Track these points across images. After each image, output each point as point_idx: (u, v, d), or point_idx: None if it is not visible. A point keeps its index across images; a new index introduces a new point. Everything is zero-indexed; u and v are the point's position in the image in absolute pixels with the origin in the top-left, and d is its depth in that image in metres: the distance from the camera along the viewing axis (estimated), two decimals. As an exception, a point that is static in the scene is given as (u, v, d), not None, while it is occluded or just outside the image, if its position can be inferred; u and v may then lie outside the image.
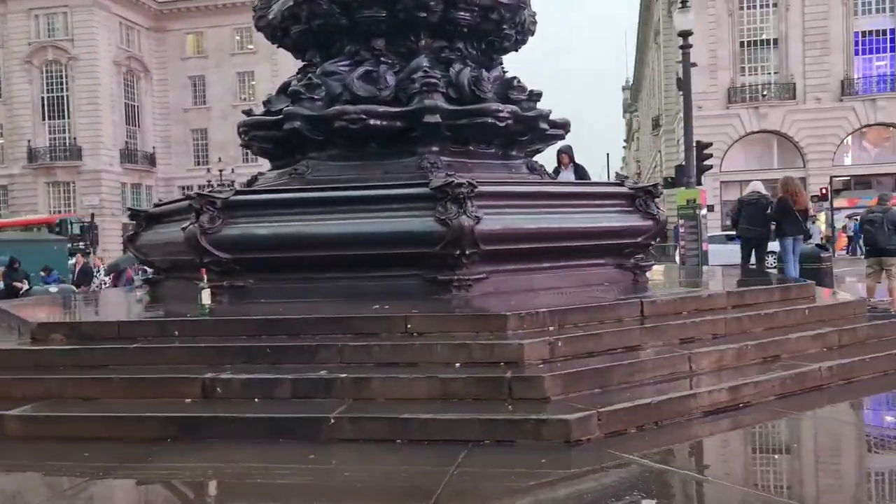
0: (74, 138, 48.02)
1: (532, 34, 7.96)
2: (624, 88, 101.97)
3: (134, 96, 51.91)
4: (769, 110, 38.39)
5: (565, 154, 9.34)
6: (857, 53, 37.17)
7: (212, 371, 4.05)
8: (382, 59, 6.93)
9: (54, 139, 48.58)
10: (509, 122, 6.65)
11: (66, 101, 48.28)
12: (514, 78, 7.31)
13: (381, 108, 6.53)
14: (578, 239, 6.07)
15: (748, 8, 39.08)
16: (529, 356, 4.02)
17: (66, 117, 48.29)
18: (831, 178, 36.01)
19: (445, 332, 4.36)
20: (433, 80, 6.55)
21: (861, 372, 4.59)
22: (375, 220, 5.55)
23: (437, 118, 6.41)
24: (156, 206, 7.51)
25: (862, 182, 37.64)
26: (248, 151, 11.32)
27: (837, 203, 34.28)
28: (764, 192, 10.98)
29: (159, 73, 52.92)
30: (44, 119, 48.45)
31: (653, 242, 6.67)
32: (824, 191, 29.86)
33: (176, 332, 4.68)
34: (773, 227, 10.40)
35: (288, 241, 5.62)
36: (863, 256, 10.93)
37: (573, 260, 6.25)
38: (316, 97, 6.73)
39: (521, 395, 3.70)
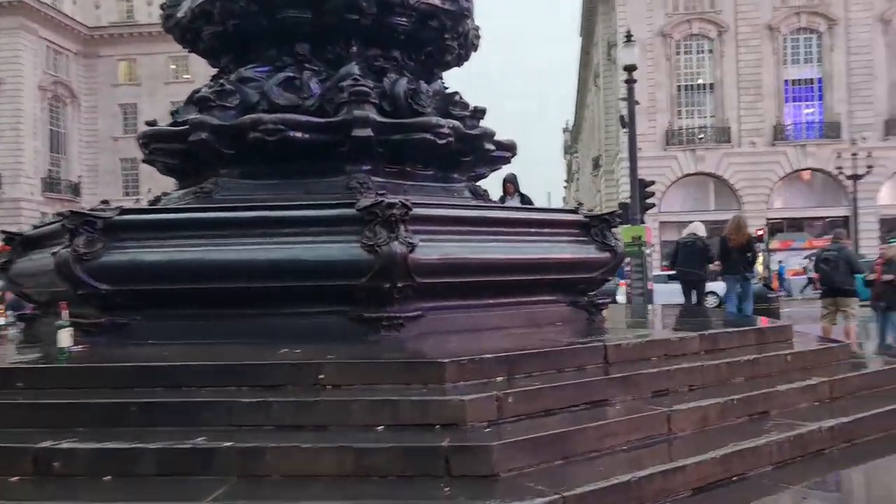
0: (-5, 165, 45.41)
1: (475, 49, 7.25)
2: (564, 130, 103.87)
3: (60, 123, 49.61)
4: (706, 153, 39.15)
5: (511, 183, 8.65)
6: (787, 101, 38.38)
7: (51, 438, 3.04)
8: (307, 65, 6.08)
9: (-28, 166, 45.81)
10: (450, 139, 5.87)
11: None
12: (456, 93, 6.56)
13: (304, 119, 5.65)
14: (528, 272, 5.28)
15: (685, 53, 40.02)
16: (473, 416, 3.15)
17: (-13, 142, 45.67)
18: (767, 220, 36.68)
19: (368, 385, 3.46)
20: (364, 90, 5.72)
21: (863, 432, 3.90)
22: (291, 247, 4.64)
23: (367, 132, 5.57)
24: (35, 227, 6.39)
25: (794, 225, 38.55)
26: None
27: (772, 245, 34.80)
28: (701, 233, 11.07)
29: (88, 100, 50.82)
30: (-39, 145, 45.70)
31: (610, 278, 5.94)
32: (761, 233, 30.19)
33: (20, 384, 3.63)
34: (710, 267, 10.67)
35: (184, 269, 4.64)
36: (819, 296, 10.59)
37: (522, 296, 5.44)
38: (228, 105, 5.81)
39: (461, 472, 2.82)
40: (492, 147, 6.38)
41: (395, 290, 4.64)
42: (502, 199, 8.94)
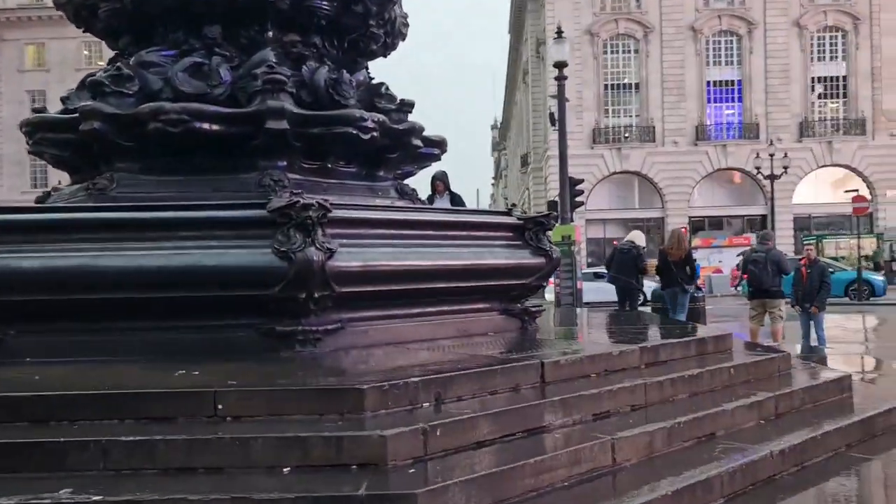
0: None
1: (403, 38, 6.81)
2: (493, 127, 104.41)
3: (-39, 107, 46.52)
4: (631, 151, 39.87)
5: (440, 181, 8.26)
6: (709, 101, 39.46)
7: None
8: (217, 50, 5.50)
9: None
10: (375, 133, 5.41)
11: None
12: (382, 84, 6.11)
13: (212, 109, 5.09)
14: (458, 279, 4.90)
15: (612, 52, 40.61)
16: (395, 454, 2.73)
17: None
18: (689, 218, 37.62)
19: (275, 416, 2.99)
20: (280, 77, 5.20)
21: (813, 452, 3.68)
22: (191, 252, 4.11)
23: (283, 124, 5.06)
24: None
25: (714, 223, 39.71)
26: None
27: (694, 243, 35.79)
28: (639, 242, 11.50)
29: (-8, 86, 47.80)
30: None
31: (544, 284, 5.62)
32: (684, 230, 30.89)
33: None
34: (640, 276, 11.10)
35: (67, 278, 4.05)
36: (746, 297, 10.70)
37: (451, 304, 5.06)
38: (126, 91, 5.19)
39: (381, 525, 2.41)
40: (420, 143, 5.96)
41: (312, 300, 4.18)
42: (431, 199, 8.55)
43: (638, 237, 11.79)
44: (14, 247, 4.17)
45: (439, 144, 6.41)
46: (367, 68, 6.45)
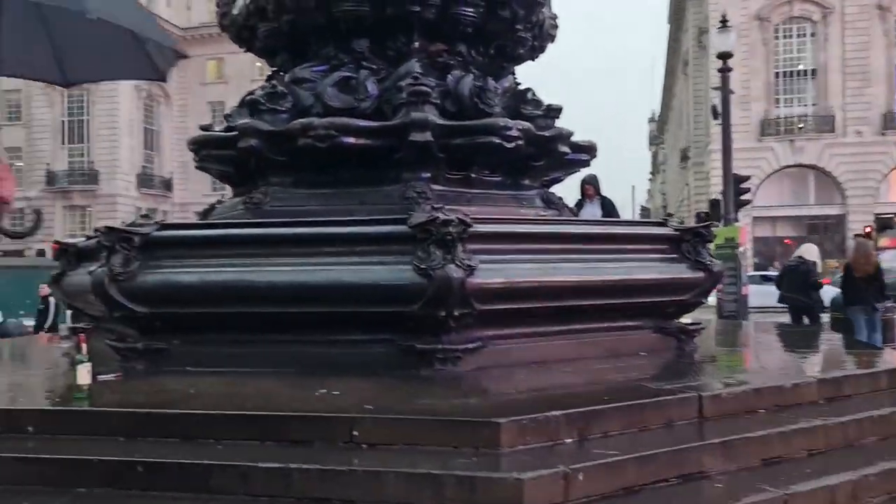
0: (92, 162, 47.70)
1: (552, 40, 6.57)
2: (650, 120, 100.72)
3: (153, 121, 51.65)
4: (806, 143, 36.84)
5: (590, 185, 7.90)
6: (898, 86, 35.55)
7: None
8: (364, 63, 5.57)
9: (73, 163, 48.32)
10: (520, 142, 5.23)
11: (85, 126, 48.05)
12: (528, 90, 5.90)
13: (358, 123, 5.14)
14: (607, 296, 4.59)
15: (784, 37, 37.63)
16: (532, 499, 2.53)
17: (84, 141, 48.04)
18: (875, 216, 34.08)
19: (409, 445, 2.90)
20: (424, 89, 5.15)
21: None
22: (334, 268, 4.13)
23: (426, 136, 5.01)
24: (87, 238, 6.14)
25: (905, 220, 35.70)
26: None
27: (882, 243, 32.37)
28: (810, 257, 10.64)
29: (180, 99, 52.71)
30: (63, 143, 48.22)
31: (704, 301, 5.16)
32: (868, 229, 27.97)
33: (30, 429, 3.26)
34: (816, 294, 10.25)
35: (219, 292, 4.22)
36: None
37: (599, 322, 4.76)
38: (280, 109, 5.37)
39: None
40: (567, 150, 5.69)
41: (451, 318, 4.07)
42: (580, 204, 8.22)
43: (809, 251, 10.80)
44: (176, 262, 4.41)
45: (588, 150, 6.11)
46: (513, 73, 6.27)
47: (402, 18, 5.56)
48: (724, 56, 14.31)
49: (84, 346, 3.48)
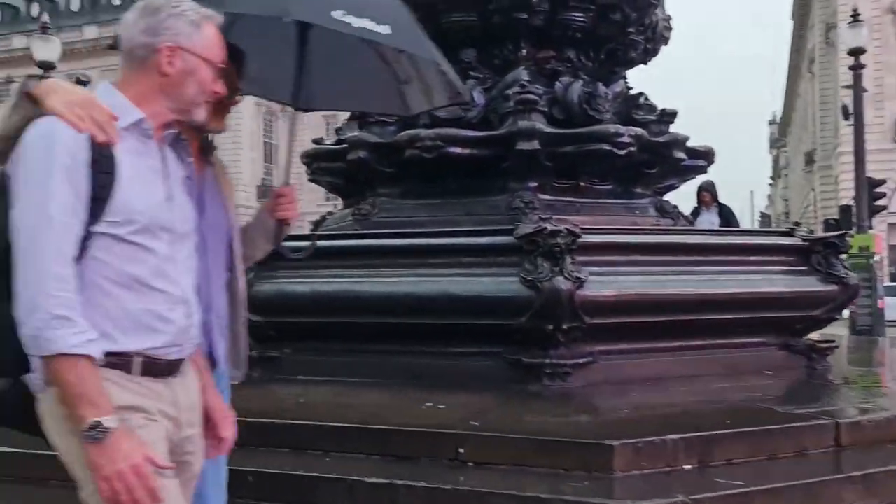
0: (219, 176, 50.40)
1: (665, 42, 6.31)
2: (770, 122, 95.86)
3: (272, 135, 54.10)
4: (949, 143, 33.82)
5: (707, 192, 7.53)
6: None
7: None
8: (471, 73, 5.53)
9: (199, 176, 51.23)
10: (632, 149, 5.03)
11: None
12: (641, 94, 5.68)
13: (464, 133, 5.11)
14: (726, 310, 4.32)
15: (924, 30, 34.80)
16: (647, 531, 2.38)
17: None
18: None
19: (517, 466, 2.81)
20: (531, 97, 5.06)
21: None
22: (440, 279, 4.11)
23: (534, 144, 4.91)
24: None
25: None
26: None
27: None
28: None
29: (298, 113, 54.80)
30: (191, 157, 51.29)
31: (837, 316, 4.76)
32: None
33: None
34: None
35: (328, 302, 4.30)
36: None
37: (718, 337, 4.48)
38: (387, 120, 5.43)
39: None
40: (683, 156, 5.43)
41: (560, 332, 3.94)
42: (696, 211, 7.85)
43: None
44: (289, 272, 4.52)
45: (705, 155, 5.81)
46: (624, 78, 6.07)
47: (510, 26, 5.49)
48: (857, 52, 13.34)
49: (201, 355, 3.60)
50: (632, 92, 5.80)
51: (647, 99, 5.61)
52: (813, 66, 47.00)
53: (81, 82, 12.60)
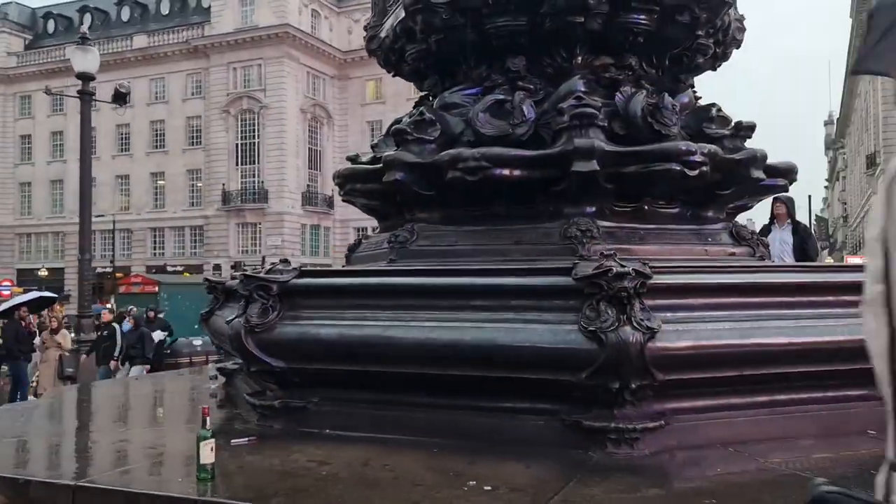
0: (262, 182, 50.82)
1: (738, 46, 5.67)
2: (826, 123, 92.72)
3: (316, 141, 54.29)
4: None
5: (783, 204, 6.80)
6: None
7: None
8: (520, 83, 4.99)
9: (244, 183, 51.77)
10: (704, 168, 4.41)
11: (256, 148, 51.35)
12: (713, 105, 5.05)
13: (513, 153, 4.56)
14: (824, 361, 3.67)
15: None
16: None
17: (255, 162, 51.31)
18: None
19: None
20: (588, 111, 4.48)
21: None
22: (485, 325, 3.56)
23: (592, 165, 4.33)
24: (233, 277, 6.00)
25: None
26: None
27: None
28: None
29: (340, 119, 55.08)
30: (237, 164, 51.82)
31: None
32: None
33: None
34: None
35: (360, 348, 3.78)
36: None
37: (812, 391, 3.82)
38: (427, 138, 4.92)
39: None
40: (761, 175, 4.78)
41: (627, 390, 3.35)
42: (767, 228, 7.14)
43: None
44: (315, 312, 4.03)
45: (786, 173, 5.15)
46: (692, 87, 5.44)
47: (563, 31, 4.92)
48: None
49: (208, 419, 3.12)
50: (701, 103, 5.17)
51: (719, 111, 4.98)
52: (874, 65, 44.94)
53: (120, 93, 12.42)
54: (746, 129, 4.88)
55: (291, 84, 51.39)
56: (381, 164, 5.00)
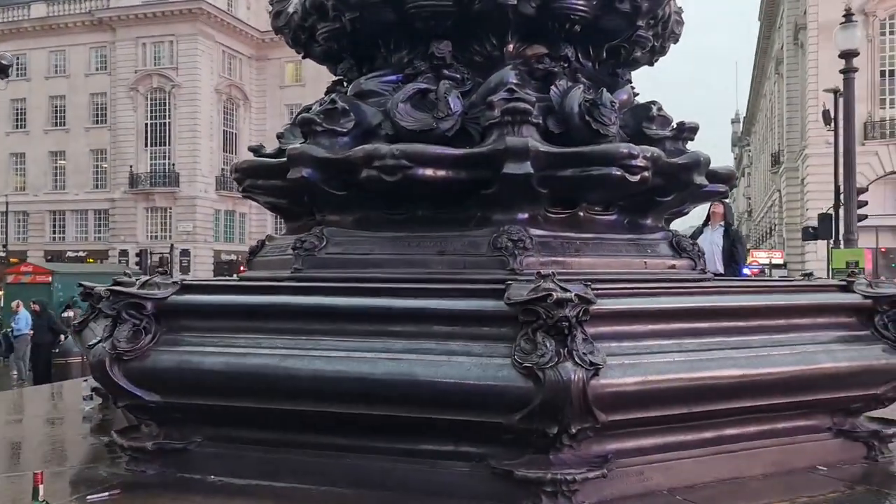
0: (173, 165, 48.60)
1: (676, 40, 5.29)
2: (733, 121, 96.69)
3: (232, 124, 52.32)
4: (917, 148, 33.87)
5: (721, 204, 6.53)
6: None
7: None
8: (446, 72, 4.44)
9: (154, 165, 49.36)
10: (646, 174, 3.99)
11: (167, 128, 48.97)
12: (653, 103, 4.65)
13: (437, 150, 4.00)
14: (777, 393, 3.31)
15: (890, 33, 34.62)
16: None
17: (166, 143, 48.97)
18: None
19: None
20: (522, 106, 3.98)
21: None
22: (402, 357, 3.01)
23: (526, 167, 3.82)
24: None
25: None
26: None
27: None
28: None
29: (258, 101, 53.25)
30: (146, 145, 49.30)
31: (905, 396, 3.77)
32: None
33: None
34: None
35: (252, 380, 3.17)
36: None
37: (759, 424, 3.47)
38: (340, 130, 4.30)
39: None
40: (704, 181, 4.41)
41: (566, 434, 2.88)
42: (697, 232, 6.89)
43: None
44: (199, 336, 3.39)
45: (727, 179, 4.82)
46: (630, 82, 5.03)
47: (493, 14, 4.39)
48: (849, 55, 12.54)
49: (40, 489, 2.44)
50: (640, 101, 4.76)
51: (660, 109, 4.58)
52: (780, 67, 46.90)
53: (1, 65, 11.17)
54: (689, 131, 4.50)
55: (206, 63, 49.22)
56: (284, 159, 4.36)
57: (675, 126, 4.52)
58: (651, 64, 5.35)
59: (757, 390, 3.23)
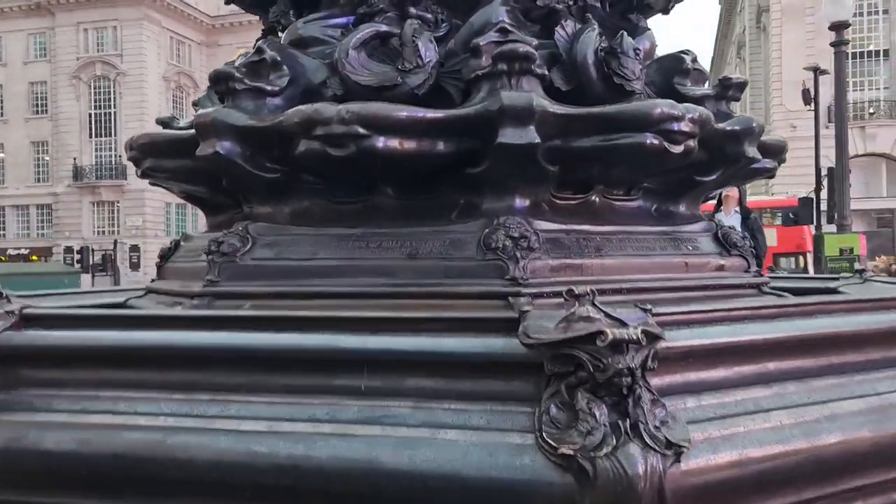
0: (119, 156, 46.57)
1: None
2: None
3: (183, 112, 50.15)
4: (878, 130, 34.10)
5: (735, 188, 5.56)
6: None
7: None
8: (412, 9, 3.28)
9: (100, 157, 47.27)
10: (691, 142, 2.90)
11: (112, 118, 46.86)
12: (685, 53, 3.56)
13: (403, 112, 2.84)
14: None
15: (854, 15, 34.51)
16: None
17: (112, 134, 46.90)
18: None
19: None
20: (522, 49, 2.85)
21: None
22: (358, 433, 1.87)
23: (530, 134, 2.70)
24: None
25: None
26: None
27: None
28: None
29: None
30: (90, 136, 47.13)
31: None
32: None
33: None
34: None
35: (117, 468, 2.00)
36: None
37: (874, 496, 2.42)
38: (269, 88, 3.12)
39: None
40: (757, 154, 3.34)
41: (625, 553, 1.78)
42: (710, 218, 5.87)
43: None
44: (47, 392, 2.19)
45: (779, 152, 3.75)
46: (648, 29, 3.93)
47: (476, -66, 3.26)
48: (839, 26, 11.69)
49: None
50: (668, 52, 3.68)
51: (695, 60, 3.49)
52: (742, 51, 46.77)
53: None
54: (735, 88, 3.43)
55: (152, 49, 47.15)
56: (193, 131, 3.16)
57: (718, 82, 3.44)
58: (667, 12, 4.26)
59: (882, 459, 2.16)
